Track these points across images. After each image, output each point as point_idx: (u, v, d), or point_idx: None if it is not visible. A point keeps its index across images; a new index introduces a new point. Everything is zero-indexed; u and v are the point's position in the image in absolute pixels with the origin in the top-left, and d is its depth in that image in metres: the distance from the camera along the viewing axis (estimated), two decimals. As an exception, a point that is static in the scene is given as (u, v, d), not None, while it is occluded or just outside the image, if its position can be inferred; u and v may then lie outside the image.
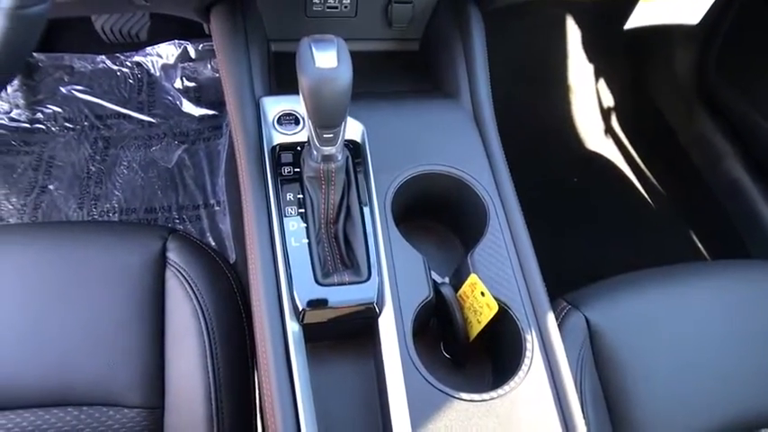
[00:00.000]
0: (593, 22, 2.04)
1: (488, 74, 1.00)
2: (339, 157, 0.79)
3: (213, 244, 1.60)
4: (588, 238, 1.83)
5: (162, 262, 0.95)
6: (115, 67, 1.92)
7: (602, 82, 2.08)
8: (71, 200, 1.70)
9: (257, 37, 1.00)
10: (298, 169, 0.84)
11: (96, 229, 1.00)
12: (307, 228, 0.81)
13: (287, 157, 0.85)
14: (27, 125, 1.85)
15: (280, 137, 0.87)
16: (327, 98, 0.69)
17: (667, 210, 1.92)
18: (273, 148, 0.85)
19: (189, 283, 0.93)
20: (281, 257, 0.79)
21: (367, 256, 0.80)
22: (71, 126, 1.85)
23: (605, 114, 2.07)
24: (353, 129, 0.88)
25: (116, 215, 1.66)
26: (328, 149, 0.76)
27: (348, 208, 0.83)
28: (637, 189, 1.97)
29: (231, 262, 1.37)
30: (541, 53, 2.08)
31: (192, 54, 1.89)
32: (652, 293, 1.02)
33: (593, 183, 1.97)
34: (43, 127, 1.84)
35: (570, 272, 1.23)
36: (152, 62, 1.91)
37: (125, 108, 1.87)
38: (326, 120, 0.72)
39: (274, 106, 0.89)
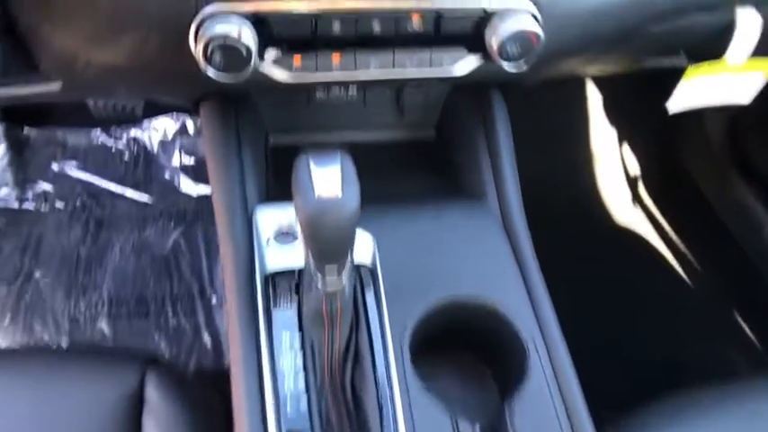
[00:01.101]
0: (616, 86, 1.92)
1: (516, 170, 0.87)
2: (346, 289, 0.65)
3: (208, 343, 1.46)
4: (619, 323, 1.68)
5: (138, 401, 0.81)
6: (110, 143, 1.81)
7: (626, 147, 1.95)
8: (58, 289, 1.57)
9: (252, 132, 0.88)
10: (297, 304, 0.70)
11: (66, 362, 0.86)
12: (306, 377, 0.67)
13: (284, 285, 0.72)
14: (16, 204, 1.74)
15: (276, 260, 0.73)
16: (329, 233, 0.56)
17: (706, 287, 1.76)
18: (267, 278, 0.72)
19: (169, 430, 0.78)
20: (273, 414, 0.65)
21: (380, 413, 0.65)
22: (62, 205, 1.73)
23: (632, 182, 1.93)
24: (363, 246, 0.74)
25: (105, 308, 1.52)
26: (332, 286, 0.62)
27: (356, 352, 0.68)
28: (670, 264, 1.82)
29: (227, 367, 1.22)
30: (561, 117, 1.96)
31: (191, 129, 1.78)
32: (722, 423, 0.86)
33: (622, 258, 1.83)
34: (32, 207, 1.73)
35: (603, 369, 1.08)
36: (149, 137, 1.80)
37: (120, 186, 1.75)
38: (329, 256, 0.58)
39: (270, 219, 0.76)
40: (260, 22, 0.65)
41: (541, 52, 0.71)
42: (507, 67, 0.71)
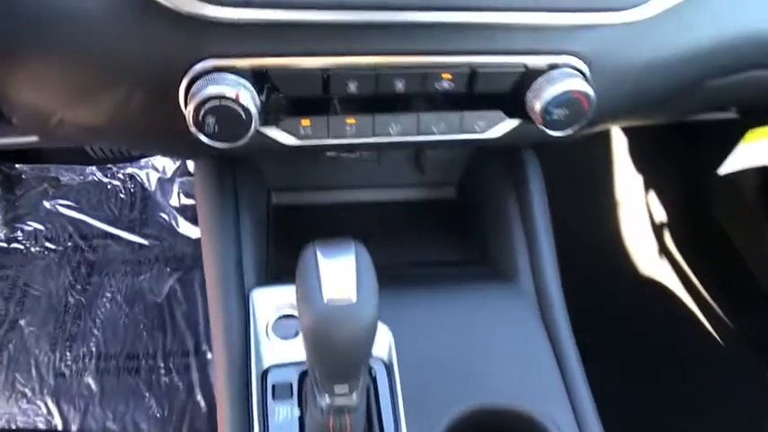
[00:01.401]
0: (642, 130, 1.82)
1: (553, 244, 0.76)
2: (355, 400, 0.54)
3: (202, 403, 1.34)
4: (644, 381, 1.56)
5: None
6: (106, 180, 1.72)
7: (652, 195, 1.84)
8: (43, 339, 1.46)
9: (252, 191, 0.77)
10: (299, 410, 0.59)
11: None
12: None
13: (284, 385, 0.61)
14: (4, 244, 1.64)
15: (274, 353, 0.62)
16: (341, 348, 0.45)
17: (739, 347, 1.64)
18: (264, 373, 0.61)
19: None
20: None
21: None
22: (53, 247, 1.63)
23: (658, 231, 1.82)
24: (378, 338, 0.63)
25: (92, 361, 1.41)
26: (342, 400, 0.51)
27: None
28: (700, 321, 1.70)
29: None
30: (584, 161, 1.86)
31: (191, 167, 1.68)
32: None
33: (647, 312, 1.71)
34: (22, 247, 1.63)
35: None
36: (147, 175, 1.70)
37: (114, 227, 1.65)
38: (339, 375, 0.47)
39: (269, 303, 0.65)
40: (261, 78, 0.55)
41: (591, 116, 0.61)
42: (551, 133, 0.61)
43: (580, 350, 0.71)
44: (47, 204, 1.69)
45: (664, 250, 1.80)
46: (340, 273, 0.46)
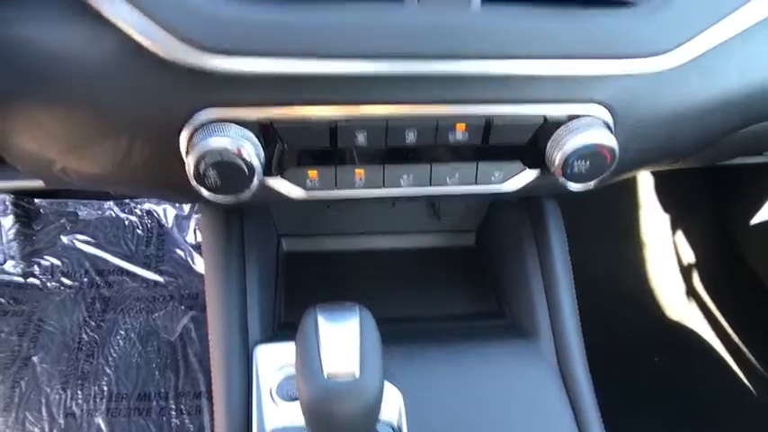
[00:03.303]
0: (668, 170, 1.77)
1: (575, 299, 0.72)
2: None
3: (213, 450, 1.31)
4: (673, 430, 1.49)
5: None
6: (123, 216, 1.71)
7: (680, 235, 1.79)
8: (55, 378, 1.44)
9: (260, 238, 0.75)
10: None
11: None
12: None
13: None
14: (20, 279, 1.63)
15: (277, 416, 0.59)
16: (341, 425, 0.42)
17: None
18: (267, 437, 0.57)
19: None
20: None
21: None
22: (69, 282, 1.62)
23: (686, 273, 1.76)
24: (387, 400, 0.59)
25: (103, 402, 1.39)
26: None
27: None
28: (728, 364, 1.63)
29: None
30: (610, 202, 1.81)
31: (208, 204, 1.67)
32: None
33: (676, 356, 1.65)
34: (38, 282, 1.63)
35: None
36: (164, 211, 1.70)
37: (130, 263, 1.64)
38: None
39: (274, 361, 0.62)
40: (266, 129, 0.52)
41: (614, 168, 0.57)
42: (572, 187, 0.57)
43: (602, 405, 0.66)
44: (64, 239, 1.68)
45: (692, 292, 1.74)
46: (342, 343, 0.43)
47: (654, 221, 1.78)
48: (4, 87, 0.51)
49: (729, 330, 1.68)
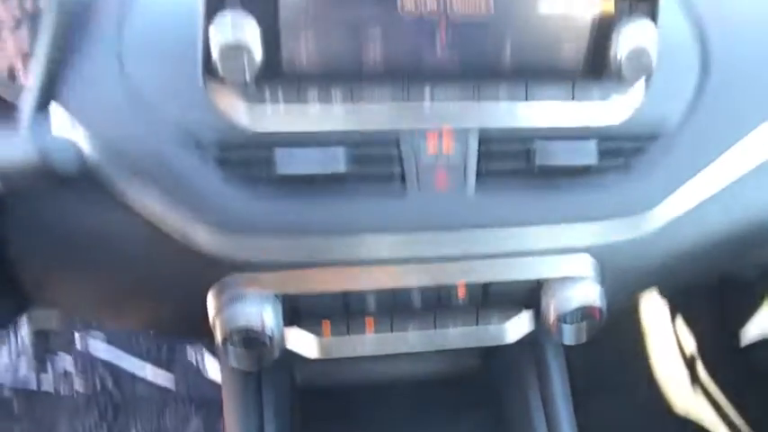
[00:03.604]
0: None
1: None
2: None
3: None
4: None
5: None
6: (135, 317, 1.74)
7: (680, 322, 1.81)
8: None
9: (276, 374, 0.79)
10: None
11: None
12: None
13: None
14: (33, 385, 1.65)
15: None
16: None
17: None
18: None
19: None
20: None
21: None
22: (81, 387, 1.64)
23: (689, 362, 1.77)
24: None
25: None
26: None
27: None
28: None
29: None
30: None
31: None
32: None
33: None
34: (51, 388, 1.64)
35: None
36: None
37: (142, 364, 1.67)
38: None
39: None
40: (284, 299, 0.58)
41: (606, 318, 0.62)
42: (567, 340, 0.62)
43: None
44: (78, 341, 1.71)
45: (696, 381, 1.75)
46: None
47: (653, 309, 1.81)
48: (41, 253, 0.57)
49: (737, 421, 1.69)
